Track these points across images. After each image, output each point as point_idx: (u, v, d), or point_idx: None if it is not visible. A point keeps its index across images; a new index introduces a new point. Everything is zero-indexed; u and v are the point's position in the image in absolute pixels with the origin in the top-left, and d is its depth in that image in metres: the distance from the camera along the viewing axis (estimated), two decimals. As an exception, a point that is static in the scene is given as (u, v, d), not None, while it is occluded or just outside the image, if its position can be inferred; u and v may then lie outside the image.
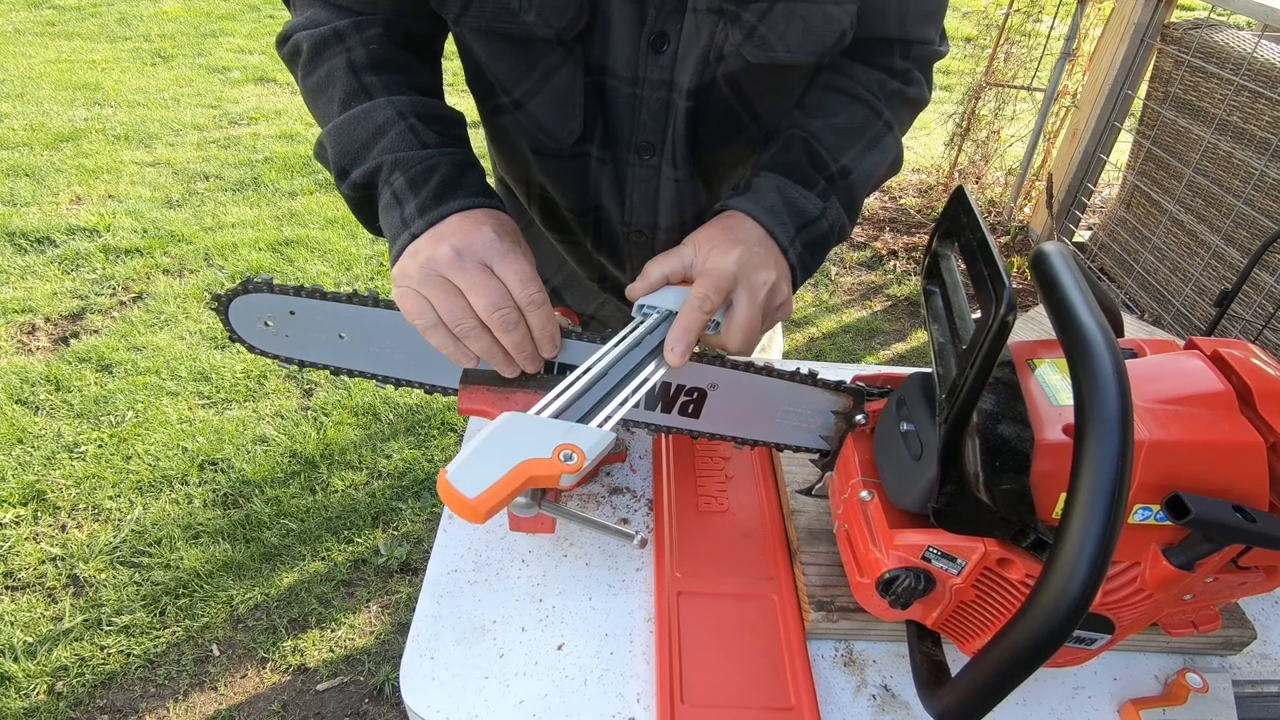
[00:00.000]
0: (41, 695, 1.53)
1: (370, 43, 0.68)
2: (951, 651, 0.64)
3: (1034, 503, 0.51)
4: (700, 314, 0.60)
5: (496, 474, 0.47)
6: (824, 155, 0.71)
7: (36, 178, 3.20)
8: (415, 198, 0.62)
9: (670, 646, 0.64)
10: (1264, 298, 2.24)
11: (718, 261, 0.62)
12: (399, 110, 0.66)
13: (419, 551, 1.84)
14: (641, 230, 0.84)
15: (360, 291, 0.62)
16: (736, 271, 0.62)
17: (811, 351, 2.64)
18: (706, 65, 0.70)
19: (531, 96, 0.74)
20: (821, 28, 0.68)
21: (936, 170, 3.64)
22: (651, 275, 0.64)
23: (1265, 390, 0.52)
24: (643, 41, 0.69)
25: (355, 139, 0.66)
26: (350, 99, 0.67)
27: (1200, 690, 0.64)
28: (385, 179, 0.65)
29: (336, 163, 0.67)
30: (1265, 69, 2.15)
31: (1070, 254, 0.47)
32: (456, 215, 0.61)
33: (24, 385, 2.20)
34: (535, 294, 0.59)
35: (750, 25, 0.67)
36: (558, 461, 0.49)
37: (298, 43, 0.70)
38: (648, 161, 0.78)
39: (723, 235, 0.64)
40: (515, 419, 0.51)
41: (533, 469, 0.48)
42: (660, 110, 0.73)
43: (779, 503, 0.78)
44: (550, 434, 0.50)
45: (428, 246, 0.59)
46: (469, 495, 0.46)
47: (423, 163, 0.64)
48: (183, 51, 4.56)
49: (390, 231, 0.64)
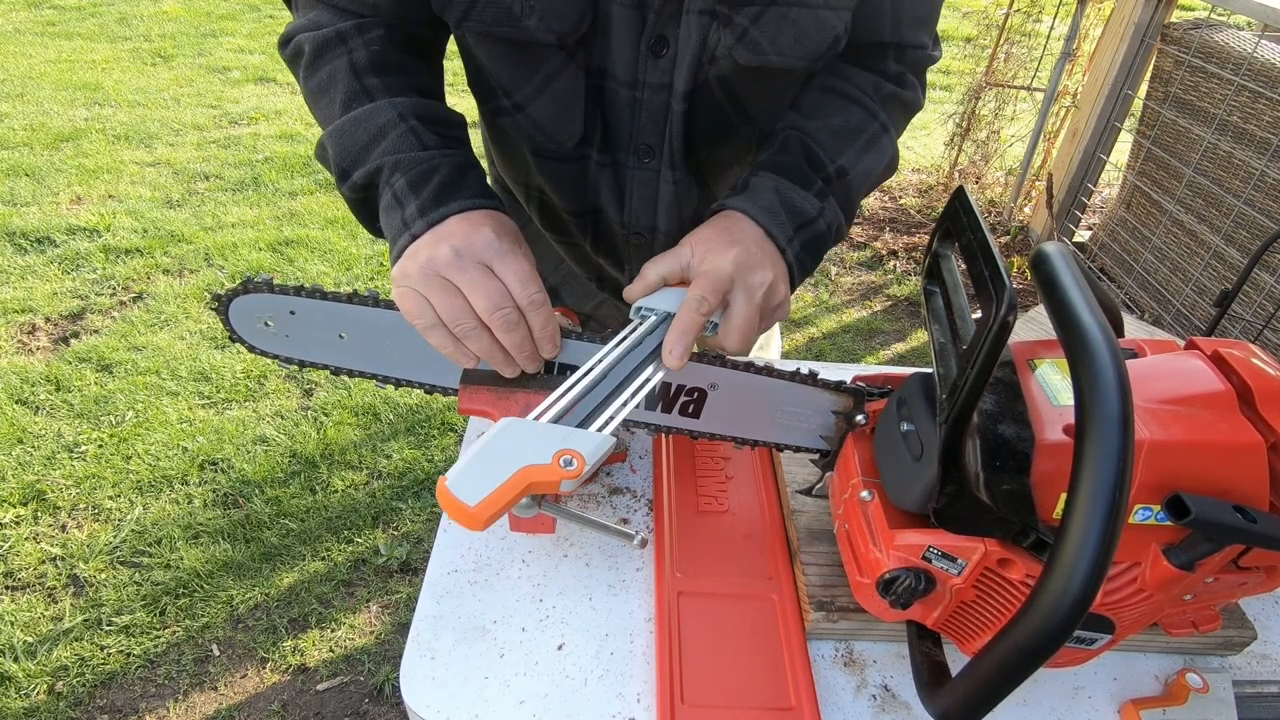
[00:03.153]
0: (41, 695, 1.53)
1: (372, 44, 0.69)
2: (951, 651, 0.64)
3: (1034, 503, 0.51)
4: (698, 316, 0.59)
5: (496, 481, 0.47)
6: (821, 156, 0.71)
7: (36, 178, 3.20)
8: (416, 199, 0.63)
9: (670, 646, 0.64)
10: (1264, 298, 2.24)
11: (715, 263, 0.62)
12: (400, 112, 0.66)
13: (419, 551, 1.84)
14: (640, 233, 0.85)
15: (360, 291, 0.62)
16: (733, 272, 0.61)
17: (811, 351, 2.64)
18: (700, 67, 0.70)
19: (533, 100, 0.74)
20: (814, 33, 0.68)
21: (936, 170, 3.64)
22: (649, 277, 0.64)
23: (1265, 390, 0.52)
24: (643, 45, 0.69)
25: (356, 141, 0.66)
26: (352, 101, 0.67)
27: (1200, 690, 0.64)
28: (386, 180, 0.65)
29: (338, 164, 0.67)
30: (1265, 69, 2.15)
31: (1070, 254, 0.47)
32: (456, 216, 0.61)
33: (24, 385, 2.20)
34: (535, 294, 0.59)
35: (742, 28, 0.67)
36: (558, 467, 0.49)
37: (300, 44, 0.70)
38: (647, 164, 0.78)
39: (720, 236, 0.64)
40: (515, 424, 0.50)
41: (532, 475, 0.48)
42: (659, 113, 0.73)
43: (779, 503, 0.78)
44: (550, 439, 0.50)
45: (428, 247, 0.59)
46: (469, 503, 0.46)
47: (423, 164, 0.64)
48: (183, 51, 4.56)
49: (391, 232, 0.64)
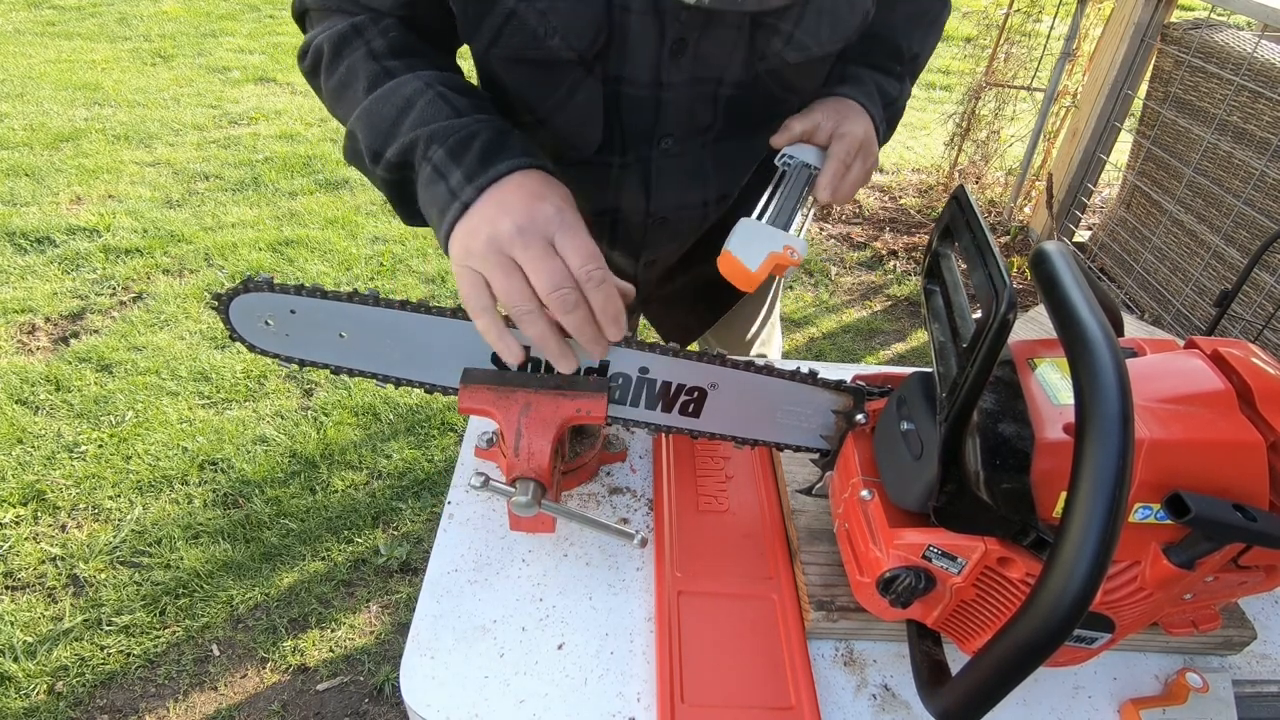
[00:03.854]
0: (41, 695, 1.53)
1: (389, 31, 0.68)
2: (952, 651, 0.64)
3: (1034, 502, 0.51)
4: (844, 166, 0.76)
5: (759, 260, 0.70)
6: (901, 45, 0.86)
7: (36, 178, 3.20)
8: (459, 167, 0.60)
9: (670, 646, 0.64)
10: (1264, 298, 2.24)
11: (850, 129, 0.77)
12: (426, 81, 0.65)
13: (419, 551, 1.84)
14: (665, 216, 0.87)
15: (361, 290, 0.62)
16: (864, 139, 0.77)
17: (811, 351, 2.64)
18: (749, 66, 0.74)
19: (555, 114, 0.75)
20: (848, 16, 0.75)
21: (936, 170, 3.64)
22: (794, 129, 0.77)
23: (1265, 389, 0.52)
24: (665, 52, 0.70)
25: (385, 116, 0.64)
26: (374, 84, 0.66)
27: (1200, 690, 0.64)
28: (423, 154, 0.62)
29: (369, 145, 0.66)
30: (1265, 69, 2.15)
31: (1070, 253, 0.47)
32: (510, 180, 0.59)
33: (24, 385, 2.20)
34: (595, 270, 0.56)
35: (788, 33, 0.72)
36: (787, 256, 0.71)
37: (319, 46, 0.70)
38: (671, 149, 0.80)
39: (845, 110, 0.79)
40: (752, 224, 0.72)
41: (776, 259, 0.70)
42: (685, 105, 0.76)
43: (779, 502, 0.78)
44: (775, 237, 0.71)
45: (488, 223, 0.57)
46: (752, 268, 0.69)
47: (460, 131, 0.62)
48: (183, 51, 4.56)
49: (436, 206, 0.61)
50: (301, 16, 0.76)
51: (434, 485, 2.01)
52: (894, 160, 3.86)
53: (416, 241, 2.96)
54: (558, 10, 0.65)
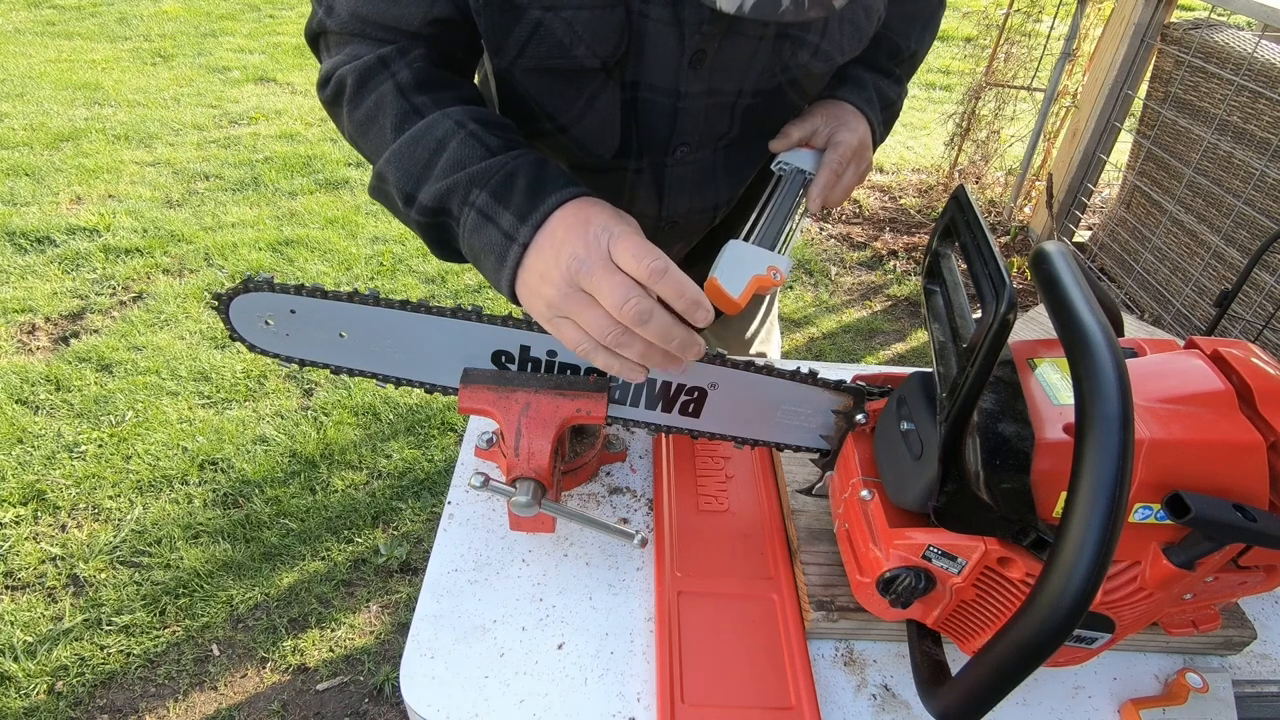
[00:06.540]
0: (41, 695, 1.53)
1: (415, 63, 0.67)
2: (952, 651, 0.64)
3: (1034, 501, 0.51)
4: (835, 176, 0.77)
5: (742, 284, 0.69)
6: (899, 45, 0.86)
7: (36, 178, 3.20)
8: (507, 209, 0.60)
9: (670, 646, 0.64)
10: (1264, 298, 2.24)
11: (845, 137, 0.78)
12: (456, 120, 0.64)
13: (419, 551, 1.84)
14: (676, 220, 0.88)
15: (361, 290, 0.62)
16: (857, 147, 0.79)
17: (811, 351, 2.64)
18: (771, 76, 0.76)
19: (576, 122, 0.76)
20: (865, 23, 0.77)
21: (936, 170, 3.64)
22: (793, 136, 0.79)
23: (1265, 390, 0.52)
24: (683, 60, 0.70)
25: (417, 160, 0.64)
26: (403, 122, 0.65)
27: (1200, 690, 0.64)
28: (464, 199, 0.62)
29: (401, 189, 0.65)
30: (1265, 69, 2.15)
31: (1070, 254, 0.47)
32: (559, 211, 0.58)
33: (24, 385, 2.20)
34: (654, 262, 0.53)
35: (814, 45, 0.74)
36: (770, 277, 0.70)
37: (341, 78, 0.68)
38: (685, 156, 0.81)
39: (842, 115, 0.80)
40: (738, 247, 0.71)
41: (758, 281, 0.69)
42: (702, 114, 0.77)
43: (779, 502, 0.78)
44: (760, 258, 0.70)
45: (555, 268, 0.56)
46: (734, 294, 0.68)
47: (499, 171, 0.61)
48: (183, 51, 4.56)
49: (493, 252, 0.60)
50: (316, 39, 0.73)
51: (434, 485, 2.01)
52: (894, 160, 3.86)
53: (417, 242, 2.96)
54: (582, 19, 0.66)
